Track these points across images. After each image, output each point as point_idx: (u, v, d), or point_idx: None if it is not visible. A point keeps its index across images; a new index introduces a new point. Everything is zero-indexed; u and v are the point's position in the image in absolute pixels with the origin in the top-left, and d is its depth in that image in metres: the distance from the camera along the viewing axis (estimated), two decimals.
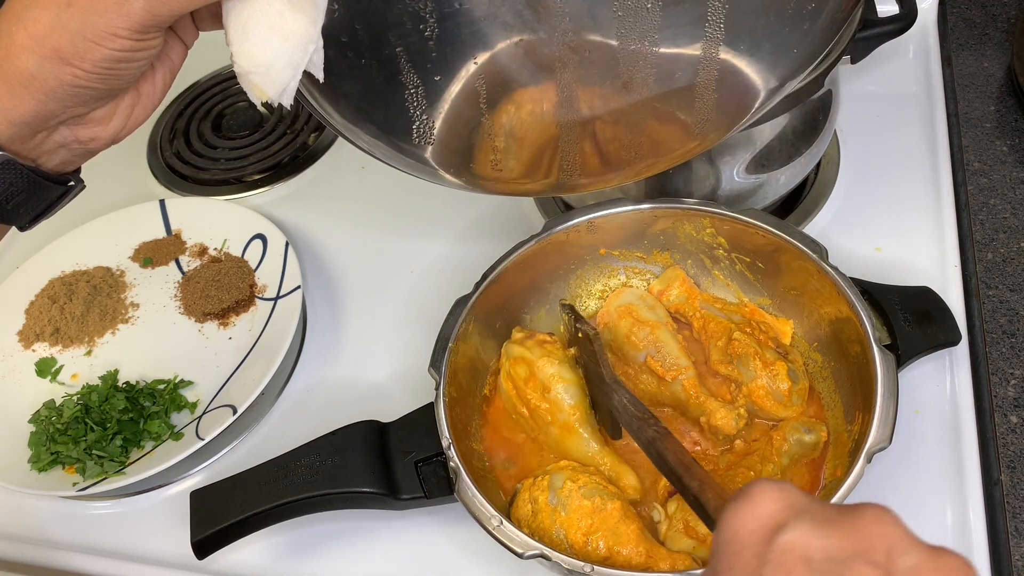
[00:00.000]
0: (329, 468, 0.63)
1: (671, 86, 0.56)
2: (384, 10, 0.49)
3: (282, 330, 0.80)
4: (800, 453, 0.65)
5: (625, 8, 0.51)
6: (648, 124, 0.60)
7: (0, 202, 0.51)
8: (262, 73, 0.49)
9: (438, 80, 0.54)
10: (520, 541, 0.57)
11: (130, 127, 0.54)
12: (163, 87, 0.54)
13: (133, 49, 0.48)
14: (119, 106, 0.52)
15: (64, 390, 0.82)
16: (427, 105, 0.55)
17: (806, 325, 0.72)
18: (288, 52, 0.49)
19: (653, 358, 0.70)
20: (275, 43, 0.49)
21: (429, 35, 0.51)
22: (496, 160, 0.60)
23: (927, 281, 0.72)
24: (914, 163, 0.87)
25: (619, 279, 0.79)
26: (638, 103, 0.57)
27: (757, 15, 0.53)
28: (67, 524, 0.75)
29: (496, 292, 0.72)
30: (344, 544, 0.69)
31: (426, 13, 0.49)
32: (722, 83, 0.57)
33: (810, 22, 0.55)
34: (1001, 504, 0.64)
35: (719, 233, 0.73)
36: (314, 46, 0.49)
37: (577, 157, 0.61)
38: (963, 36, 0.98)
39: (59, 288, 0.89)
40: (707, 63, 0.55)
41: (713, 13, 0.52)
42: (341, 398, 0.80)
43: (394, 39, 0.51)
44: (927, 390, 0.70)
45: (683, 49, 0.54)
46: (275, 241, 0.88)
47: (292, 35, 0.48)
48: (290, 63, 0.49)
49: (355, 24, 0.50)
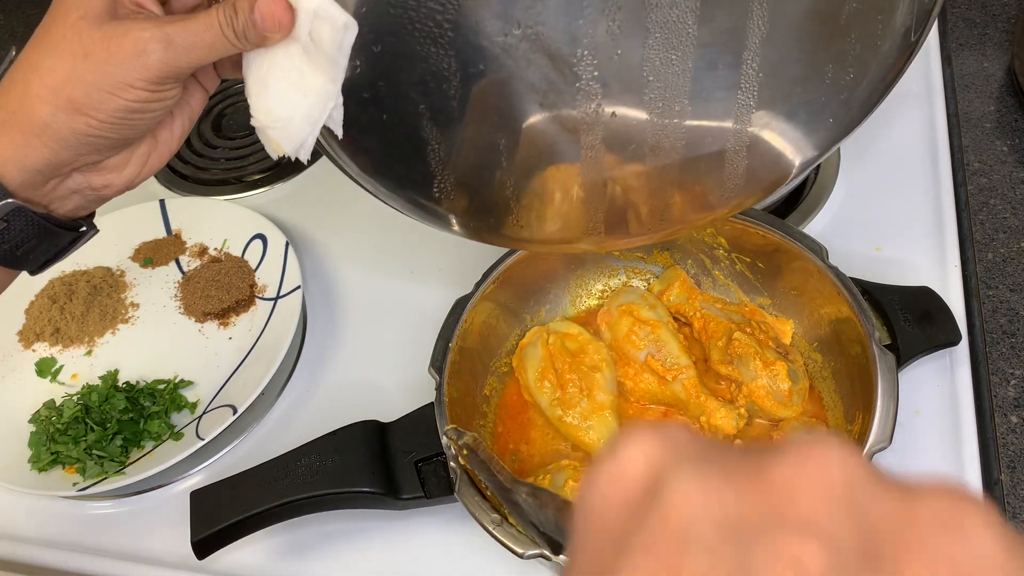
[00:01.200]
0: (329, 468, 0.63)
1: (700, 152, 0.56)
2: (407, 69, 0.49)
3: (282, 330, 0.80)
4: None
5: (656, 73, 0.50)
6: (674, 192, 0.59)
7: (10, 248, 0.51)
8: (280, 128, 0.49)
9: (460, 139, 0.53)
10: (520, 541, 0.57)
11: (145, 174, 0.53)
12: (181, 134, 0.54)
13: (149, 100, 0.48)
14: (134, 153, 0.52)
15: (64, 390, 0.82)
16: (447, 162, 0.55)
17: (806, 325, 0.72)
18: (306, 108, 0.48)
19: (654, 357, 0.70)
20: (294, 99, 0.48)
21: (452, 95, 0.50)
22: (517, 219, 0.60)
23: (927, 281, 0.72)
24: (914, 163, 0.87)
25: (619, 279, 0.79)
26: (665, 169, 0.56)
27: (793, 83, 0.53)
28: (67, 524, 0.74)
29: (497, 292, 0.72)
30: (344, 544, 0.69)
31: (450, 73, 0.49)
32: (753, 152, 0.56)
33: (849, 92, 0.54)
34: (1001, 504, 0.64)
35: (719, 233, 0.73)
36: (333, 103, 0.48)
37: (599, 220, 0.61)
38: (963, 36, 0.98)
39: (59, 288, 0.89)
40: (738, 132, 0.55)
41: (747, 81, 0.52)
42: (341, 398, 0.79)
43: (417, 97, 0.51)
44: (927, 390, 0.70)
45: (714, 118, 0.54)
46: (275, 241, 0.88)
47: (311, 92, 0.48)
48: (308, 119, 0.49)
49: (378, 81, 0.50)
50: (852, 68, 0.52)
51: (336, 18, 0.45)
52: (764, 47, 0.50)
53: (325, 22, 0.46)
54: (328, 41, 0.46)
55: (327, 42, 0.46)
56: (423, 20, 0.47)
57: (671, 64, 0.50)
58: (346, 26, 0.46)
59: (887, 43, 0.51)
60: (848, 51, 0.51)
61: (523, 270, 0.73)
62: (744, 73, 0.51)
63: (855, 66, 0.52)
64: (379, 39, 0.48)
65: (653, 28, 0.48)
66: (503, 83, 0.50)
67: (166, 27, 0.46)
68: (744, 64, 0.51)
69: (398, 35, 0.48)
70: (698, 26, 0.48)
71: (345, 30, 0.46)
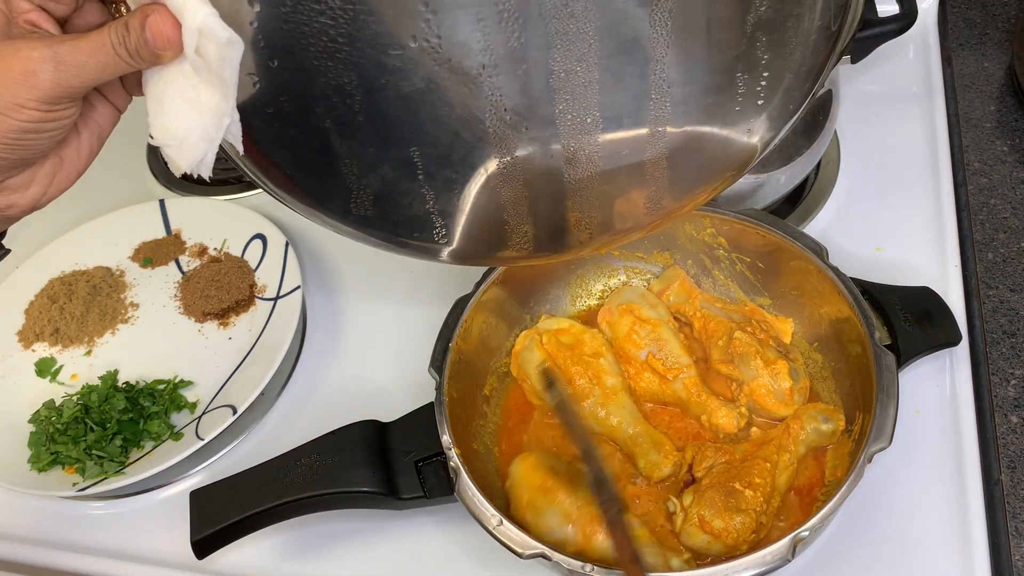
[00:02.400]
0: (329, 468, 0.63)
1: (619, 163, 0.55)
2: (307, 83, 0.49)
3: (282, 330, 0.80)
4: (817, 441, 0.65)
5: (562, 85, 0.50)
6: (596, 203, 0.59)
7: None
8: (176, 146, 0.49)
9: (371, 153, 0.53)
10: (520, 541, 0.57)
11: (52, 193, 0.52)
12: (90, 152, 0.53)
13: (43, 120, 0.47)
14: (38, 173, 0.51)
15: (64, 390, 0.82)
16: (362, 177, 0.54)
17: (806, 325, 0.72)
18: (202, 126, 0.48)
19: (655, 356, 0.70)
20: (189, 116, 0.48)
21: (357, 109, 0.50)
22: (438, 230, 0.59)
23: (927, 281, 0.72)
24: (914, 163, 0.87)
25: (619, 279, 0.79)
26: (584, 181, 0.56)
27: (707, 91, 0.52)
28: (67, 524, 0.74)
29: (497, 292, 0.72)
30: (344, 544, 0.69)
31: (351, 88, 0.49)
32: (673, 161, 0.56)
33: (767, 95, 0.53)
34: (1001, 504, 0.64)
35: (719, 233, 0.73)
36: (228, 119, 0.48)
37: (524, 234, 0.60)
38: (963, 36, 0.98)
39: (59, 288, 0.89)
40: (654, 140, 0.54)
41: (657, 90, 0.51)
42: (341, 398, 0.79)
43: (321, 112, 0.50)
44: (927, 390, 0.70)
45: (628, 127, 0.53)
46: (275, 241, 0.88)
47: (206, 109, 0.48)
48: (204, 136, 0.48)
49: (279, 96, 0.49)
50: (767, 73, 0.52)
51: (219, 35, 0.45)
52: (670, 56, 0.50)
53: (210, 39, 0.45)
54: (215, 58, 0.46)
55: (214, 59, 0.46)
56: (316, 35, 0.46)
57: (576, 75, 0.50)
58: (229, 42, 0.45)
59: (799, 47, 0.51)
60: (759, 57, 0.51)
61: (523, 270, 0.73)
62: (653, 83, 0.51)
63: (769, 71, 0.52)
64: (275, 54, 0.47)
65: (554, 40, 0.48)
66: (408, 98, 0.50)
67: (56, 47, 0.46)
68: (652, 74, 0.50)
69: (293, 51, 0.47)
70: (599, 37, 0.48)
71: (229, 46, 0.45)
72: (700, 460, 0.65)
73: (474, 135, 0.52)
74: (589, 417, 0.68)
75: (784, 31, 0.50)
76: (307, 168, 0.54)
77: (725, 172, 0.58)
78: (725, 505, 0.60)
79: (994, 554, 0.62)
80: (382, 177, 0.54)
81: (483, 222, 0.59)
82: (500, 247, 0.62)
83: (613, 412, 0.68)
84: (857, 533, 0.64)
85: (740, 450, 0.65)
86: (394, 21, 0.46)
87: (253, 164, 0.53)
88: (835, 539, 0.64)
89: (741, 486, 0.61)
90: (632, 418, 0.68)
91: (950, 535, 0.63)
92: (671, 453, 0.66)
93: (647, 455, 0.66)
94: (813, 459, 0.65)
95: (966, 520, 0.63)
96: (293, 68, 0.48)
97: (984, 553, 0.62)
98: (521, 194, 0.57)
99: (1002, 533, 0.63)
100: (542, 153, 0.54)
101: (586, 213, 0.59)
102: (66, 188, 0.53)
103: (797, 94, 0.54)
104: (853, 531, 0.64)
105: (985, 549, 0.62)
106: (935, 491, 0.65)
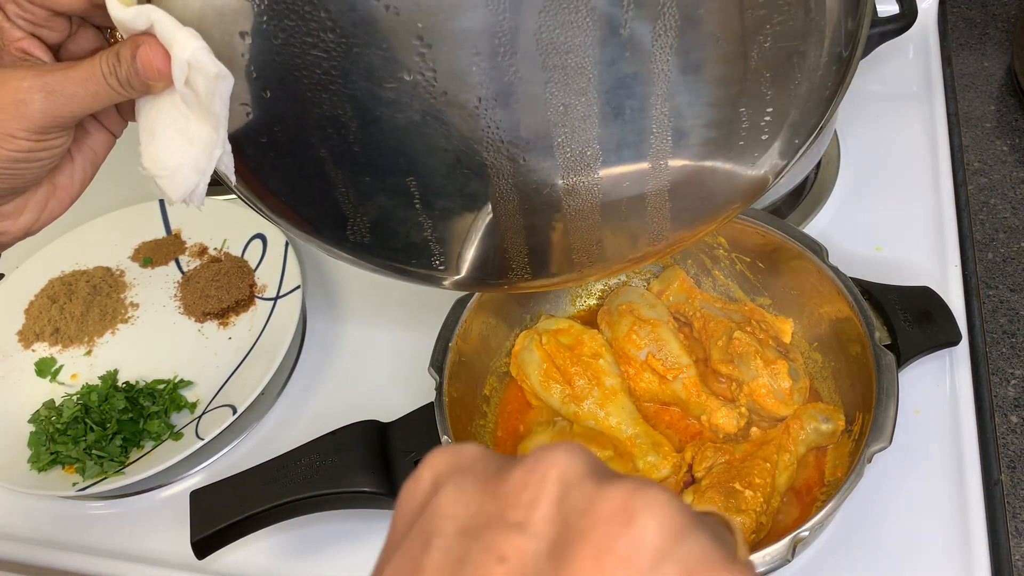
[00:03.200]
0: (329, 468, 0.63)
1: (618, 196, 0.55)
2: (301, 114, 0.48)
3: (282, 330, 0.80)
4: (817, 441, 0.65)
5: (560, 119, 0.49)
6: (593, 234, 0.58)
7: None
8: (167, 177, 0.48)
9: (367, 182, 0.52)
10: None
11: (45, 220, 0.52)
12: (83, 178, 0.53)
13: (33, 149, 0.47)
14: (30, 200, 0.51)
15: (64, 390, 0.82)
16: (359, 205, 0.54)
17: (806, 325, 0.72)
18: (193, 157, 0.48)
19: (654, 356, 0.70)
20: (181, 147, 0.48)
21: (352, 139, 0.49)
22: (437, 258, 0.59)
23: (927, 281, 0.72)
24: (914, 163, 0.87)
25: (619, 279, 0.78)
26: (582, 211, 0.56)
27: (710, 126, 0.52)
28: (67, 524, 0.74)
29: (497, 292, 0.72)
30: (344, 544, 0.69)
31: (346, 119, 0.48)
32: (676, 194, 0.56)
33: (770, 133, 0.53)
34: (1001, 504, 0.64)
35: (719, 233, 0.73)
36: (220, 150, 0.48)
37: (521, 261, 0.60)
38: (963, 36, 0.98)
39: (59, 288, 0.89)
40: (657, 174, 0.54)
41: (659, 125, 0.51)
42: (341, 398, 0.79)
43: (316, 142, 0.50)
44: (927, 390, 0.70)
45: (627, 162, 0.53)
46: (275, 241, 0.88)
47: (196, 140, 0.47)
48: (196, 168, 0.48)
49: (273, 126, 0.49)
50: (771, 109, 0.52)
51: (209, 69, 0.44)
52: (672, 91, 0.49)
53: (199, 73, 0.45)
54: (204, 91, 0.45)
55: (203, 92, 0.45)
56: (309, 68, 0.46)
57: (575, 109, 0.49)
58: (219, 76, 0.45)
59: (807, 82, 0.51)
60: (765, 93, 0.51)
61: None
62: (655, 117, 0.51)
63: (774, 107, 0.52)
64: (267, 85, 0.47)
65: (552, 74, 0.47)
66: (404, 129, 0.49)
67: (47, 76, 0.45)
68: (653, 108, 0.50)
69: (286, 82, 0.47)
70: (598, 71, 0.47)
71: (219, 80, 0.45)
72: (700, 460, 0.65)
73: (471, 166, 0.52)
74: (588, 417, 0.68)
75: (790, 66, 0.50)
76: (302, 196, 0.54)
77: (733, 203, 0.58)
78: (725, 505, 0.60)
79: (994, 554, 0.62)
80: (378, 206, 0.54)
81: (482, 250, 0.58)
82: (500, 275, 0.61)
83: (612, 413, 0.68)
84: (857, 533, 0.64)
85: (740, 450, 0.65)
86: (388, 55, 0.46)
87: (247, 191, 0.53)
88: (835, 539, 0.64)
89: (741, 486, 0.61)
90: (631, 419, 0.68)
91: (950, 535, 0.63)
92: (670, 454, 0.66)
93: (645, 456, 0.66)
94: (813, 459, 0.65)
95: (966, 520, 0.63)
96: (286, 99, 0.48)
97: (984, 553, 0.62)
98: (521, 223, 0.56)
99: (1002, 533, 0.63)
100: (541, 184, 0.54)
101: (587, 243, 0.59)
102: (59, 214, 0.53)
103: (807, 126, 0.54)
104: (853, 531, 0.64)
105: (985, 549, 0.62)
106: (935, 491, 0.65)
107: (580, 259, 0.61)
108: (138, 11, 0.44)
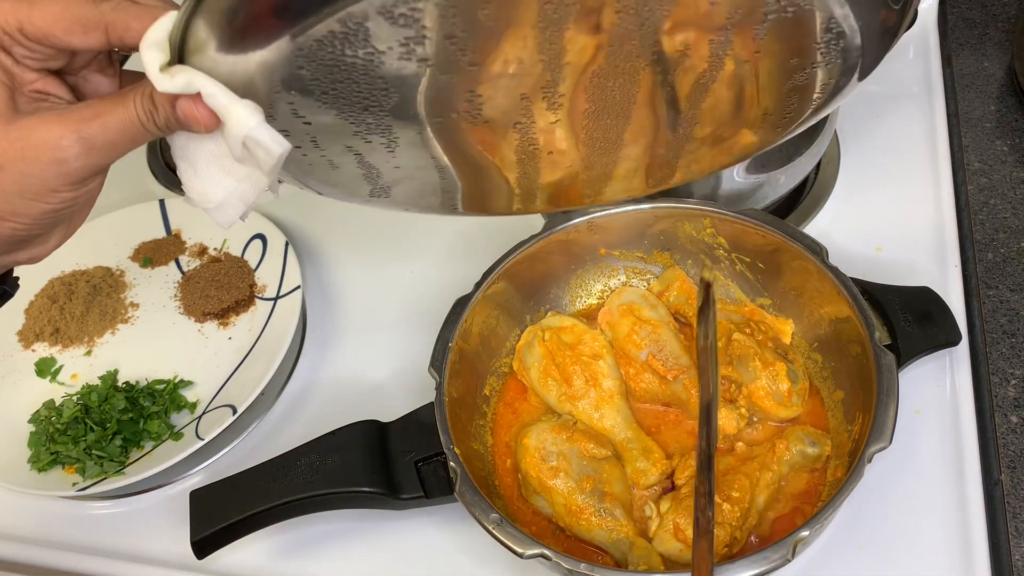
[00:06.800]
0: (329, 468, 0.63)
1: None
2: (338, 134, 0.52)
3: (282, 330, 0.80)
4: (801, 464, 0.64)
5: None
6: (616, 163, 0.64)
7: None
8: (214, 209, 0.49)
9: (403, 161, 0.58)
10: (520, 541, 0.56)
11: (69, 235, 0.53)
12: (98, 189, 0.52)
13: (75, 198, 0.47)
14: (59, 225, 0.51)
15: (64, 390, 0.82)
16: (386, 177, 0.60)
17: (806, 325, 0.72)
18: (240, 192, 0.48)
19: (655, 357, 0.70)
20: (227, 183, 0.48)
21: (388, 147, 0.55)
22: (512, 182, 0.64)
23: (927, 281, 0.72)
24: (914, 163, 0.87)
25: (619, 279, 0.79)
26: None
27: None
28: (67, 524, 0.74)
29: (497, 292, 0.72)
30: (344, 544, 0.69)
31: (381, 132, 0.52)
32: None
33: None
34: (1001, 504, 0.64)
35: (719, 233, 0.73)
36: (267, 182, 0.48)
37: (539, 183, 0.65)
38: (963, 36, 0.99)
39: (59, 288, 0.89)
40: None
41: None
42: (341, 398, 0.79)
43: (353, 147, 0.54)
44: (927, 390, 0.70)
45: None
46: (275, 241, 0.88)
47: (245, 178, 0.48)
48: (243, 200, 0.49)
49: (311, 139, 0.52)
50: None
51: (271, 149, 0.45)
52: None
53: (258, 147, 0.45)
54: (261, 160, 0.46)
55: (260, 160, 0.46)
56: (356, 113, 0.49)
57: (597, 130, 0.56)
58: (281, 155, 0.45)
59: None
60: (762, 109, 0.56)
61: (523, 270, 0.73)
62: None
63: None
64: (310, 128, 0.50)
65: None
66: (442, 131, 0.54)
67: (82, 129, 0.44)
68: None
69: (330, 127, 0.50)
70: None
71: (280, 157, 0.45)
72: (682, 468, 0.65)
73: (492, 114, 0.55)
74: (582, 418, 0.68)
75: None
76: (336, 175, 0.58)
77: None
78: None
79: (994, 554, 0.62)
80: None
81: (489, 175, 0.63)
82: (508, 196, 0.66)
83: (607, 415, 0.68)
84: (857, 533, 0.64)
85: (723, 463, 0.65)
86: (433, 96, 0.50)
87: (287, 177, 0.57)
88: (835, 539, 0.64)
89: (720, 499, 0.60)
90: (625, 423, 0.68)
91: (950, 535, 0.63)
92: (659, 461, 0.65)
93: (635, 461, 0.66)
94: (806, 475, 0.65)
95: (966, 520, 0.63)
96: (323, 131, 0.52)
97: (984, 553, 0.62)
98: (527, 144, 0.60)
99: (1002, 533, 0.63)
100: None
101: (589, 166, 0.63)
102: (80, 226, 0.54)
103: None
104: (853, 531, 0.64)
105: (985, 549, 0.62)
106: (935, 491, 0.65)
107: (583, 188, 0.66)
108: (187, 82, 0.43)
